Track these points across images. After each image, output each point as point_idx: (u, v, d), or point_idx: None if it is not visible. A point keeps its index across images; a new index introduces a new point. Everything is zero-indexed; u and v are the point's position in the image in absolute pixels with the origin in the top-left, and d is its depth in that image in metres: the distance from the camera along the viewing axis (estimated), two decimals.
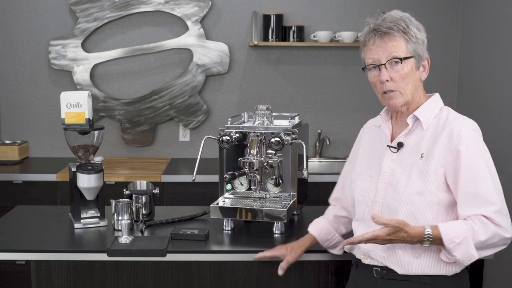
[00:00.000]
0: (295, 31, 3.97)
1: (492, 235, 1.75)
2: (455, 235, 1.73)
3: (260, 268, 2.33)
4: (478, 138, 1.83)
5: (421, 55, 1.87)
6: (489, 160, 1.83)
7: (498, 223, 1.74)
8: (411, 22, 1.87)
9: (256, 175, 2.36)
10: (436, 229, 1.74)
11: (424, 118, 1.87)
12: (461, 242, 1.73)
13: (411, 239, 1.75)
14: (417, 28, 1.87)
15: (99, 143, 2.51)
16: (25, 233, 2.38)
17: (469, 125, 1.84)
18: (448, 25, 4.13)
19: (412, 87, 1.87)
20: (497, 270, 3.52)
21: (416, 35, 1.86)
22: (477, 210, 1.76)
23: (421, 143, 1.86)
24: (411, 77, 1.86)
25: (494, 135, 3.57)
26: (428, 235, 1.74)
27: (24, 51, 4.09)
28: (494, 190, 1.78)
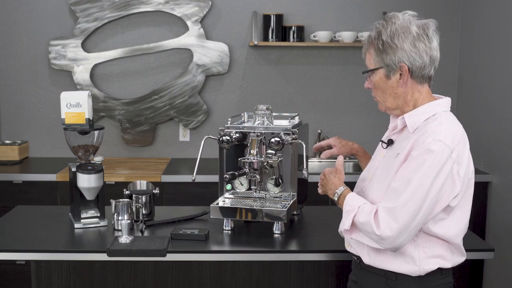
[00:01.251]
0: (295, 31, 3.97)
1: (367, 222, 1.79)
2: (349, 203, 1.88)
3: (260, 268, 2.33)
4: (438, 151, 1.73)
5: (390, 63, 1.83)
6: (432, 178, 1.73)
7: (377, 217, 1.77)
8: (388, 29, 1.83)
9: (256, 175, 2.36)
10: (348, 191, 1.95)
11: (411, 121, 1.86)
12: (348, 211, 1.87)
13: (331, 185, 2.00)
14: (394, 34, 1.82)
15: (99, 143, 2.51)
16: (25, 233, 2.38)
17: (440, 135, 1.76)
18: (448, 25, 4.13)
19: (390, 96, 1.88)
20: (497, 270, 3.52)
21: (386, 43, 1.82)
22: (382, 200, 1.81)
23: (402, 144, 1.88)
24: (382, 86, 1.88)
25: (494, 135, 3.57)
26: (340, 190, 1.96)
27: (24, 51, 4.09)
28: (404, 194, 1.73)
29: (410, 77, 1.85)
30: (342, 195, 1.94)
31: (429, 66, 1.85)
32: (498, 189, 3.54)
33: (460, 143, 1.79)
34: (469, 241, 2.31)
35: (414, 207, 1.73)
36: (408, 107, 1.89)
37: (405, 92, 1.87)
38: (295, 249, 2.24)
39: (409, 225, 1.74)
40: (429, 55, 1.83)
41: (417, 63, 1.83)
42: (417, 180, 1.73)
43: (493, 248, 2.25)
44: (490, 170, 3.62)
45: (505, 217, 3.44)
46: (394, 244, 1.76)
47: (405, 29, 1.83)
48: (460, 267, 3.76)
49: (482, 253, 2.26)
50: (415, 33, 1.82)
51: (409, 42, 1.81)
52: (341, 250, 2.13)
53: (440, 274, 1.87)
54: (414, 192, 1.73)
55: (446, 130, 1.78)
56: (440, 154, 1.73)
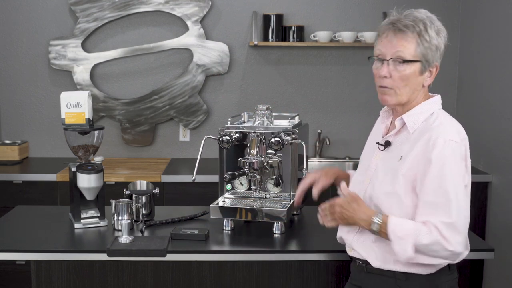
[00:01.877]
0: (295, 31, 3.97)
1: (434, 242, 1.74)
2: (399, 229, 1.77)
3: (260, 268, 2.33)
4: (453, 149, 1.76)
5: (429, 61, 1.84)
6: (459, 174, 1.77)
7: (443, 234, 1.74)
8: (432, 25, 1.84)
9: (256, 175, 2.36)
10: (386, 217, 1.80)
11: (411, 122, 1.86)
12: (403, 237, 1.76)
13: (360, 215, 1.83)
14: (436, 33, 1.85)
15: (99, 143, 2.51)
16: (25, 233, 2.38)
17: (449, 134, 1.78)
18: (448, 25, 4.12)
19: (410, 90, 1.85)
20: (497, 270, 3.52)
21: (431, 39, 1.83)
22: (429, 218, 1.76)
23: (403, 146, 1.86)
24: (411, 80, 1.84)
25: (494, 135, 3.57)
26: (379, 218, 1.80)
27: (24, 51, 4.09)
28: (453, 204, 1.75)
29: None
30: (384, 222, 1.80)
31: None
32: (498, 189, 3.54)
33: (465, 137, 1.83)
34: (469, 241, 2.31)
35: (465, 212, 1.78)
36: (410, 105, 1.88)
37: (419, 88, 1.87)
38: (295, 249, 2.24)
39: (467, 231, 1.80)
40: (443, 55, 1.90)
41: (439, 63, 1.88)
42: (452, 187, 1.75)
43: (493, 248, 2.25)
44: (490, 170, 3.62)
45: (505, 217, 3.44)
46: (463, 255, 1.81)
47: (442, 31, 1.88)
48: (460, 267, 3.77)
49: (482, 253, 2.26)
50: (444, 37, 1.89)
51: (443, 44, 1.88)
52: (341, 250, 2.13)
53: (448, 269, 1.87)
54: (459, 199, 1.76)
55: (451, 128, 1.81)
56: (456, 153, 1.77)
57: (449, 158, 1.75)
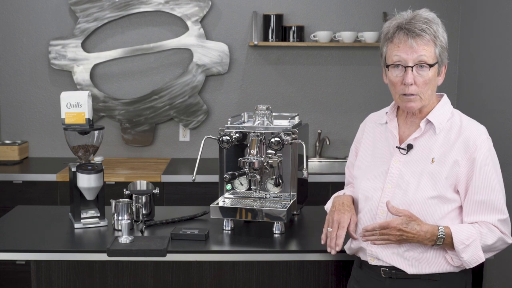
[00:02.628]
0: (295, 31, 3.97)
1: (498, 240, 1.82)
2: (465, 237, 1.77)
3: (260, 268, 2.33)
4: (491, 147, 1.86)
5: (444, 60, 1.89)
6: (499, 169, 1.87)
7: (503, 231, 1.82)
8: (439, 26, 1.87)
9: (256, 175, 2.36)
10: (448, 228, 1.78)
11: (438, 122, 1.86)
12: (470, 244, 1.78)
13: (424, 234, 1.76)
14: (444, 31, 1.89)
15: (99, 143, 2.51)
16: (25, 233, 2.38)
17: (484, 133, 1.86)
18: (448, 25, 4.12)
19: (431, 92, 1.87)
20: (497, 270, 3.52)
21: (443, 39, 1.87)
22: (483, 217, 1.80)
23: (432, 147, 1.84)
24: (432, 83, 1.85)
25: (494, 135, 3.56)
26: (442, 232, 1.77)
27: (24, 51, 4.09)
28: (502, 200, 1.83)
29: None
30: (447, 234, 1.77)
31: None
32: None
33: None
34: None
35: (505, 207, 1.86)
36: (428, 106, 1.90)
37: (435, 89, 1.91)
38: (295, 249, 2.24)
39: None
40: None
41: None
42: (498, 183, 1.83)
43: None
44: None
45: None
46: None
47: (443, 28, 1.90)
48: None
49: None
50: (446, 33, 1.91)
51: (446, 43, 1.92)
52: (341, 250, 2.13)
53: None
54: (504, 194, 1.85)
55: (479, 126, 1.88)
56: (493, 149, 1.87)
57: (491, 156, 1.84)
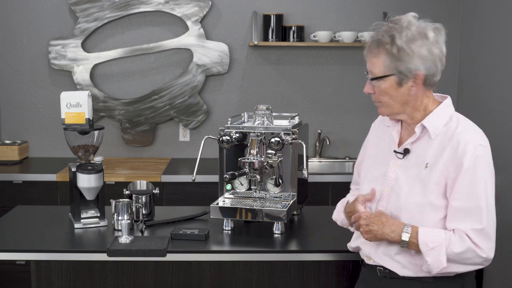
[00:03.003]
0: (295, 31, 3.97)
1: (467, 250, 1.73)
2: (431, 239, 1.74)
3: (260, 268, 2.33)
4: (484, 154, 1.76)
5: (404, 71, 1.75)
6: (489, 179, 1.79)
7: (475, 242, 1.73)
8: (403, 33, 1.74)
9: (256, 175, 2.36)
10: (416, 228, 1.76)
11: (432, 127, 1.81)
12: (434, 248, 1.73)
13: (390, 228, 1.78)
14: (409, 40, 1.73)
15: (99, 143, 2.51)
16: (25, 233, 2.38)
17: (477, 139, 1.77)
18: (448, 25, 4.12)
19: (399, 102, 1.80)
20: (497, 270, 3.52)
21: (400, 50, 1.73)
22: (458, 225, 1.75)
23: (427, 153, 1.81)
24: (392, 93, 1.79)
25: (494, 135, 3.57)
26: (407, 230, 1.75)
27: (24, 51, 4.09)
28: (483, 210, 1.75)
29: (422, 85, 1.78)
30: (414, 233, 1.75)
31: (439, 73, 1.80)
32: (498, 189, 3.51)
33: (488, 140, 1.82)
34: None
35: (493, 217, 1.80)
36: (418, 112, 1.82)
37: (414, 99, 1.80)
38: (295, 249, 2.24)
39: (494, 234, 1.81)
40: (442, 61, 1.80)
41: (431, 70, 1.77)
42: (483, 192, 1.76)
43: None
44: None
45: (505, 217, 3.44)
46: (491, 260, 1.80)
47: (422, 35, 1.76)
48: None
49: None
50: (432, 39, 1.77)
51: (426, 48, 1.75)
52: (341, 250, 2.14)
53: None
54: (489, 205, 1.77)
55: (477, 133, 1.80)
56: (487, 158, 1.77)
57: (481, 163, 1.74)
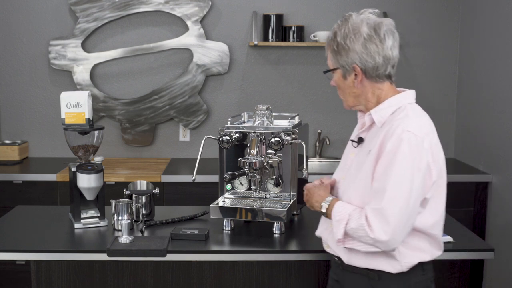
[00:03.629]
0: (295, 31, 3.97)
1: (359, 227, 1.76)
2: (338, 212, 1.85)
3: (260, 268, 2.34)
4: (409, 141, 1.74)
5: (344, 65, 1.87)
6: (408, 166, 1.73)
7: (368, 220, 1.74)
8: (342, 30, 1.88)
9: (256, 175, 2.36)
10: (335, 201, 1.90)
11: (378, 116, 1.88)
12: (339, 220, 1.83)
13: (315, 198, 1.95)
14: (345, 35, 1.86)
15: (99, 143, 2.51)
16: (25, 233, 2.38)
17: (409, 126, 1.77)
18: (448, 25, 4.13)
19: (350, 95, 1.92)
20: (497, 270, 3.52)
21: (338, 45, 1.87)
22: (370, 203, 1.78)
23: (373, 140, 1.87)
24: (341, 86, 1.92)
25: (494, 135, 3.57)
26: (327, 201, 1.90)
27: (24, 51, 4.09)
28: (386, 191, 1.73)
29: (365, 78, 1.87)
30: (330, 205, 1.90)
31: (383, 66, 1.85)
32: (498, 189, 3.54)
33: (429, 132, 1.80)
34: (469, 241, 2.31)
35: (401, 203, 1.72)
36: (372, 103, 1.90)
37: (364, 91, 1.89)
38: (295, 249, 2.24)
39: (401, 223, 1.73)
40: (382, 55, 1.84)
41: (369, 64, 1.84)
42: (396, 176, 1.73)
43: (493, 248, 2.25)
44: (490, 170, 3.62)
45: (505, 217, 3.44)
46: (391, 246, 1.75)
47: (356, 31, 1.85)
48: (460, 267, 3.76)
49: (482, 253, 2.26)
50: (366, 35, 1.84)
51: (360, 43, 1.84)
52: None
53: (422, 270, 1.86)
54: (397, 188, 1.73)
55: (413, 121, 1.79)
56: (412, 145, 1.74)
57: (403, 149, 1.74)
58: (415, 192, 1.74)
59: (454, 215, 2.92)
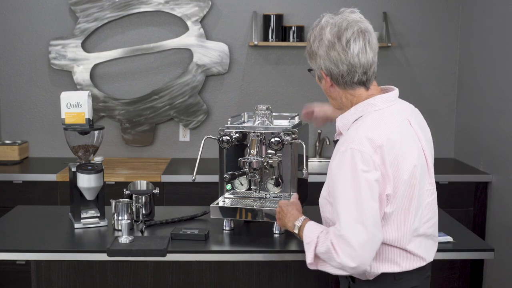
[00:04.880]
0: (295, 31, 3.97)
1: (327, 250, 1.70)
2: (307, 235, 1.80)
3: (260, 268, 2.34)
4: (350, 159, 1.67)
5: (315, 69, 1.84)
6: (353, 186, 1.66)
7: (334, 245, 1.68)
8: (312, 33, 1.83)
9: (256, 175, 2.36)
10: (305, 222, 1.87)
11: (341, 124, 1.84)
12: (309, 243, 1.79)
13: (289, 219, 1.94)
14: (313, 39, 1.81)
15: (99, 143, 2.51)
16: (25, 233, 2.38)
17: (352, 143, 1.69)
18: (448, 25, 4.13)
19: (328, 96, 1.88)
20: (497, 270, 3.52)
21: (310, 49, 1.83)
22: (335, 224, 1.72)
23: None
24: (321, 86, 1.88)
25: (494, 135, 3.57)
26: (299, 223, 1.89)
27: (24, 51, 4.09)
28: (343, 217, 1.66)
29: (334, 84, 1.81)
30: (302, 226, 1.85)
31: (349, 74, 1.76)
32: (498, 189, 3.54)
33: (384, 144, 1.69)
34: (469, 241, 2.31)
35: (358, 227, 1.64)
36: (347, 108, 1.84)
37: (337, 96, 1.84)
38: (295, 249, 2.24)
39: (366, 246, 1.65)
40: (347, 63, 1.75)
41: (334, 72, 1.77)
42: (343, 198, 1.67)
43: (493, 248, 2.25)
44: (490, 170, 3.62)
45: (505, 217, 3.44)
46: (360, 269, 1.68)
47: (320, 36, 1.79)
48: (460, 267, 3.76)
49: (482, 253, 2.26)
50: (327, 41, 1.76)
51: (323, 49, 1.78)
52: None
53: (394, 278, 1.79)
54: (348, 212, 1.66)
55: (365, 134, 1.69)
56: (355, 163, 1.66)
57: (344, 170, 1.67)
58: (369, 211, 1.65)
59: (454, 215, 2.92)
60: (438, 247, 1.94)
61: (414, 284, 1.81)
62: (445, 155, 4.20)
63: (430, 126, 1.97)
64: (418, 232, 1.79)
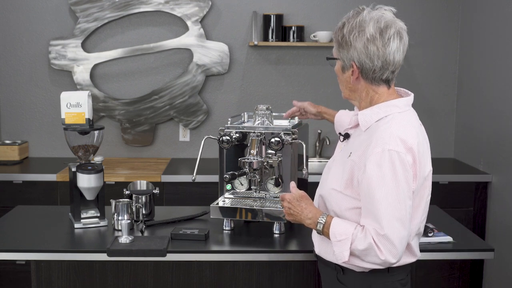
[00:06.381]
0: (295, 31, 3.97)
1: (368, 248, 1.72)
2: (339, 232, 1.78)
3: (260, 268, 2.34)
4: (389, 160, 1.71)
5: (344, 59, 1.83)
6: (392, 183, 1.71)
7: (377, 243, 1.71)
8: (350, 22, 1.81)
9: (256, 175, 2.36)
10: (330, 219, 1.83)
11: (363, 120, 1.84)
12: (342, 241, 1.77)
13: (307, 214, 1.88)
14: (350, 31, 1.79)
15: (99, 143, 2.51)
16: (25, 233, 2.38)
17: (389, 144, 1.72)
18: (448, 25, 4.13)
19: (346, 87, 1.88)
20: (497, 270, 3.52)
21: (342, 38, 1.81)
22: (366, 222, 1.75)
23: (355, 142, 1.86)
24: (339, 76, 1.88)
25: (494, 135, 3.57)
26: (322, 219, 1.83)
27: (24, 51, 4.09)
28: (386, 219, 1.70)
29: (361, 77, 1.82)
30: (327, 223, 1.83)
31: (381, 70, 1.79)
32: (498, 189, 3.54)
33: (414, 144, 1.74)
34: (469, 241, 2.31)
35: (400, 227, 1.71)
36: (365, 103, 1.86)
37: (358, 88, 1.85)
38: (295, 249, 2.24)
39: (405, 243, 1.74)
40: (382, 59, 1.77)
41: (367, 66, 1.79)
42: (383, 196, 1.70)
43: (493, 248, 2.25)
44: (490, 170, 3.62)
45: (505, 217, 3.44)
46: (395, 264, 1.76)
47: (361, 28, 1.78)
48: (460, 267, 3.76)
49: (482, 253, 2.26)
50: (369, 35, 1.76)
51: (362, 42, 1.77)
52: None
53: (387, 271, 1.83)
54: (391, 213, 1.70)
55: (396, 135, 1.73)
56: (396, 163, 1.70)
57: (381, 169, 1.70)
58: (407, 210, 1.72)
59: (454, 215, 2.92)
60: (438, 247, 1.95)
61: (402, 277, 1.87)
62: (445, 155, 4.20)
63: (430, 126, 1.98)
64: (419, 229, 1.87)
